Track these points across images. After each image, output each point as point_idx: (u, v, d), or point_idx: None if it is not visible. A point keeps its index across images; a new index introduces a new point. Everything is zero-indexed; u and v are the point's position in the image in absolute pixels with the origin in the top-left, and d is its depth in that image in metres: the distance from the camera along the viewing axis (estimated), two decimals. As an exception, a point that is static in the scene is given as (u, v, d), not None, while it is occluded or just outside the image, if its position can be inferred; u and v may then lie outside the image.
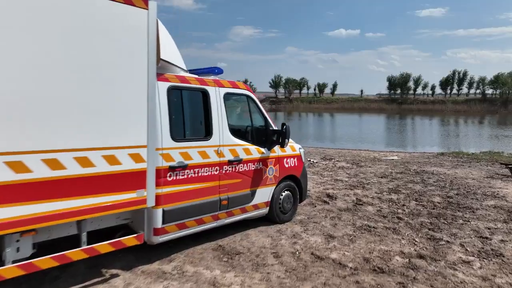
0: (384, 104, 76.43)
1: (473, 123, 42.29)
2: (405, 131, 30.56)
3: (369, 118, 50.91)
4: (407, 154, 15.68)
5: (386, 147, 20.28)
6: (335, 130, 30.03)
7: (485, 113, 63.17)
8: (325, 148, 18.51)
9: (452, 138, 25.10)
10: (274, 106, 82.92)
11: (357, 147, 19.38)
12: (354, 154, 14.60)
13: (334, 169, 9.94)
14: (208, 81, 4.09)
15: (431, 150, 18.84)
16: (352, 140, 23.07)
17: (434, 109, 69.76)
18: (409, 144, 21.89)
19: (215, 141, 3.98)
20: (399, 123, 40.82)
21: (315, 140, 23.38)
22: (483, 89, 73.57)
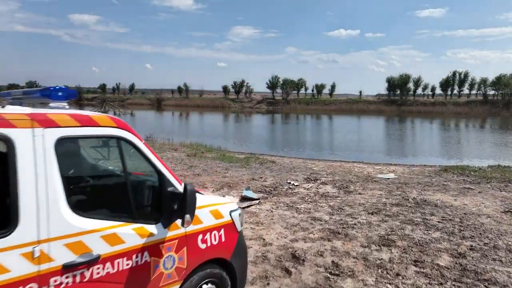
0: (383, 106, 74.62)
1: (475, 127, 40.49)
2: (405, 137, 28.75)
3: (368, 122, 49.12)
4: (406, 169, 13.87)
5: (384, 158, 18.47)
6: (331, 136, 28.21)
7: (486, 115, 61.42)
8: (315, 160, 16.69)
9: (454, 145, 23.29)
10: (271, 108, 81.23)
11: (351, 158, 17.58)
12: (346, 170, 12.77)
13: (315, 197, 8.10)
14: (13, 119, 2.09)
15: (433, 162, 17.02)
16: (347, 148, 21.26)
17: (434, 111, 67.97)
18: (408, 153, 20.06)
19: (27, 234, 2.04)
20: (398, 128, 39.02)
21: (307, 148, 21.54)
22: (485, 90, 71.76)
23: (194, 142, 21.00)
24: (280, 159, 15.52)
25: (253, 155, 15.54)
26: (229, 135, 27.69)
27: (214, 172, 10.53)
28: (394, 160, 17.78)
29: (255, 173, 10.86)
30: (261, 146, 21.79)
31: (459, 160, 18.25)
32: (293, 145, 22.48)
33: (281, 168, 12.46)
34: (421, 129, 39.39)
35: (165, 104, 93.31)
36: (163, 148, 17.32)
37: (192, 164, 12.20)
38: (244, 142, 23.87)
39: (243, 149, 20.64)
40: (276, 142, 23.81)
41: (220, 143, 22.05)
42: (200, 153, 16.01)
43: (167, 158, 13.35)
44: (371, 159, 17.78)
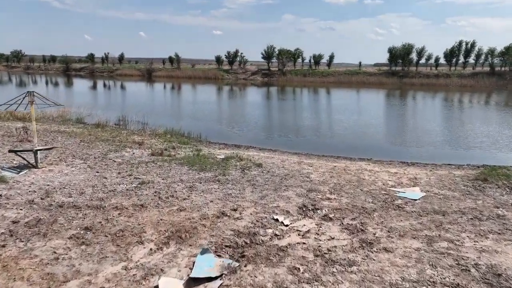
0: (384, 78, 70.74)
1: (488, 104, 37.19)
2: (413, 118, 25.50)
3: (369, 97, 45.72)
4: (428, 173, 10.83)
5: (394, 150, 15.35)
6: (331, 119, 24.92)
7: (493, 88, 58.07)
8: (313, 156, 13.59)
9: (471, 129, 20.15)
10: (267, 79, 77.18)
11: (357, 152, 14.47)
12: (354, 180, 9.71)
13: (316, 266, 5.03)
14: None
15: (456, 156, 13.97)
16: (351, 137, 18.09)
17: (438, 84, 64.40)
18: (421, 142, 16.93)
19: None
20: (403, 105, 35.71)
21: (305, 136, 18.33)
22: (492, 61, 67.81)
23: (171, 129, 17.80)
24: (270, 158, 12.38)
25: (236, 154, 12.37)
26: (215, 117, 24.34)
27: (170, 198, 7.38)
28: (407, 154, 14.71)
29: (230, 195, 7.75)
30: (251, 134, 18.57)
31: (482, 152, 15.24)
32: (288, 132, 19.27)
33: (268, 179, 9.35)
34: (427, 106, 36.14)
35: (156, 75, 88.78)
36: (127, 140, 14.11)
37: (146, 175, 9.04)
38: (232, 127, 20.61)
39: (229, 137, 17.45)
40: (269, 127, 20.55)
41: (203, 129, 18.85)
42: (170, 149, 12.85)
43: (118, 163, 10.15)
44: (380, 153, 14.70)
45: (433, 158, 13.92)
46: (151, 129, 18.18)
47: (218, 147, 14.55)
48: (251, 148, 14.72)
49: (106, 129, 17.60)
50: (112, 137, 14.73)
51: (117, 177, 8.74)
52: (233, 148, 14.62)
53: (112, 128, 18.24)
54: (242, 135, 18.18)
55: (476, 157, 14.43)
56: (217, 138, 16.95)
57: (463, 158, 14.06)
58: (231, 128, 20.20)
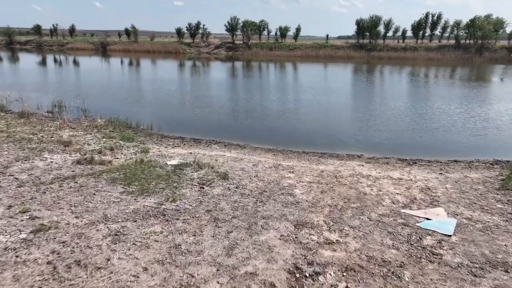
0: (352, 52, 68.79)
1: (461, 80, 36.02)
2: (389, 100, 23.33)
3: (339, 73, 43.50)
4: (442, 180, 8.53)
5: (387, 140, 13.02)
6: (307, 100, 22.26)
7: (459, 62, 57.80)
8: (293, 154, 10.94)
9: (454, 114, 18.23)
10: (231, 53, 73.12)
11: (345, 145, 11.99)
12: (354, 196, 7.17)
13: None
14: None
15: (454, 148, 11.81)
16: (333, 123, 15.57)
17: (406, 57, 63.38)
18: (412, 126, 14.69)
19: None
20: (373, 81, 33.70)
21: (278, 126, 15.60)
22: (457, 34, 67.45)
23: (117, 117, 14.52)
24: (239, 161, 9.58)
25: (194, 156, 9.47)
26: (173, 101, 20.99)
27: (74, 269, 4.36)
28: (398, 144, 12.40)
29: (179, 250, 4.91)
30: (215, 122, 15.58)
31: (473, 137, 13.24)
32: (257, 119, 16.46)
33: (237, 204, 6.59)
34: (397, 83, 34.38)
35: (111, 49, 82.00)
36: (51, 139, 10.78)
37: (52, 210, 5.96)
38: (193, 113, 17.48)
39: (188, 128, 14.42)
40: (236, 113, 17.57)
41: (157, 116, 15.70)
42: (107, 151, 9.73)
43: (19, 184, 6.94)
44: (366, 144, 12.32)
45: (429, 150, 11.72)
46: (90, 119, 14.76)
47: (172, 144, 11.53)
48: (215, 144, 11.82)
49: (32, 120, 14.00)
50: (32, 134, 11.32)
51: (1, 216, 5.62)
52: (191, 144, 11.65)
53: (40, 118, 14.62)
54: (204, 124, 15.18)
55: (473, 145, 12.40)
56: (173, 129, 13.88)
57: (460, 148, 11.96)
58: (192, 114, 17.08)
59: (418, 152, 11.57)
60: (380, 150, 11.71)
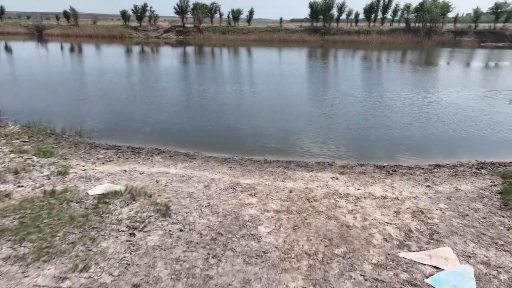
0: (306, 35, 67.76)
1: (414, 64, 35.89)
2: (361, 92, 22.10)
3: (293, 59, 42.09)
4: (431, 195, 7.20)
5: (352, 140, 11.57)
6: (259, 93, 20.39)
7: (410, 45, 58.77)
8: (250, 163, 9.16)
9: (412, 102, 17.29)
10: (182, 37, 69.37)
11: (309, 151, 10.39)
12: (334, 234, 5.56)
13: None
14: None
15: (440, 152, 10.61)
16: (299, 120, 13.90)
17: (359, 41, 63.51)
18: (391, 132, 13.40)
19: None
20: (338, 68, 32.61)
21: (229, 128, 13.66)
22: (407, 17, 68.58)
23: (39, 119, 11.95)
24: (186, 181, 7.60)
25: (127, 182, 7.35)
26: (114, 95, 18.26)
27: None
28: (377, 147, 11.01)
29: None
30: (159, 124, 13.32)
31: (445, 131, 12.21)
32: (210, 117, 14.41)
33: (181, 264, 4.69)
34: (352, 68, 33.58)
35: (48, 33, 74.79)
36: None
37: None
38: (134, 111, 15.04)
39: (126, 132, 12.10)
40: (185, 110, 15.34)
41: (90, 117, 13.20)
42: (10, 174, 7.36)
43: None
44: (341, 146, 10.80)
45: (406, 151, 10.43)
46: (2, 123, 11.98)
47: (103, 158, 9.24)
48: (158, 155, 9.68)
49: None
50: None
51: None
52: (127, 157, 9.43)
53: None
54: (147, 126, 12.90)
55: (450, 142, 11.31)
56: (109, 135, 11.53)
57: (437, 146, 10.81)
58: (133, 114, 14.66)
59: (394, 153, 10.22)
60: (352, 153, 10.23)
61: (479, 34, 63.64)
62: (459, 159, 9.70)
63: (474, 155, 10.00)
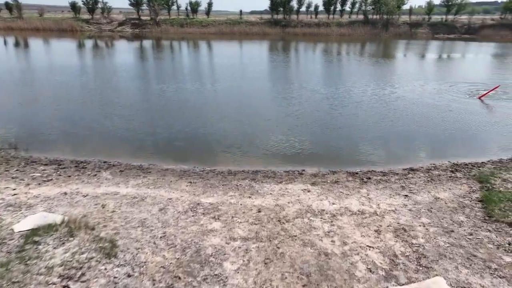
0: (267, 28, 66.92)
1: (375, 57, 36.16)
2: (326, 88, 21.56)
3: (258, 53, 41.25)
4: (411, 207, 6.68)
5: (334, 151, 10.93)
6: (223, 94, 19.32)
7: (368, 37, 59.68)
8: (212, 175, 8.27)
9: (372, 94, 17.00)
10: (138, 31, 66.31)
11: (275, 158, 9.62)
12: (313, 267, 4.80)
13: None
14: None
15: (412, 154, 10.19)
16: (256, 131, 13.05)
17: (319, 33, 63.65)
18: (359, 132, 12.85)
19: None
20: (300, 61, 32.08)
21: (188, 134, 12.58)
22: (365, 10, 69.62)
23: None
24: (138, 203, 6.56)
25: (67, 207, 6.20)
26: (60, 97, 16.49)
27: None
28: (347, 149, 10.42)
29: None
30: (112, 130, 11.99)
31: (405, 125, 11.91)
32: (167, 121, 13.26)
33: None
34: (312, 61, 33.28)
35: (-12, 27, 68.75)
36: None
37: None
38: (82, 117, 13.55)
39: (72, 140, 10.72)
40: (140, 114, 14.01)
41: (30, 126, 11.69)
42: None
43: None
44: (310, 150, 10.11)
45: (376, 154, 9.93)
46: None
47: (40, 177, 7.93)
48: (106, 170, 8.48)
49: None
50: None
51: None
52: (70, 174, 8.17)
53: None
54: (96, 134, 11.55)
55: (418, 141, 10.97)
56: (49, 145, 10.14)
57: (407, 146, 10.41)
58: (81, 119, 13.17)
59: (366, 156, 9.67)
60: (323, 158, 9.56)
61: (432, 26, 65.77)
62: (432, 161, 9.30)
63: (446, 156, 9.66)
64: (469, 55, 38.07)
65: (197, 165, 8.89)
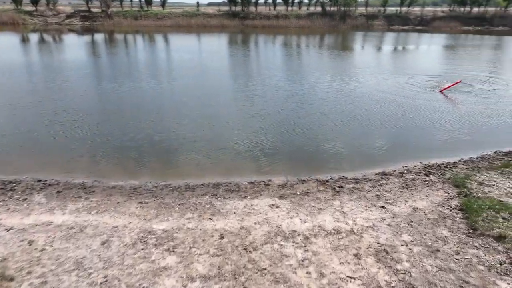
0: (225, 20, 65.39)
1: (337, 50, 36.08)
2: (290, 84, 20.81)
3: (217, 46, 39.97)
4: (389, 221, 6.07)
5: (299, 154, 10.20)
6: (181, 93, 18.06)
7: (326, 29, 60.00)
8: (167, 192, 7.23)
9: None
10: (89, 24, 62.50)
11: (245, 170, 8.77)
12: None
13: None
14: None
15: (382, 154, 9.68)
16: (215, 134, 12.07)
17: (278, 25, 63.15)
18: (325, 133, 12.20)
19: None
20: (261, 55, 31.24)
21: (141, 141, 11.37)
22: (323, 1, 69.90)
23: None
24: (73, 241, 5.47)
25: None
26: None
27: None
28: (314, 152, 9.73)
29: None
30: (50, 143, 10.54)
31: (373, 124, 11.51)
32: (120, 129, 11.95)
33: None
34: (273, 55, 32.67)
35: None
36: None
37: None
38: (18, 126, 11.92)
39: (2, 159, 9.23)
40: (88, 122, 12.47)
41: None
42: None
43: None
44: (273, 153, 9.32)
45: (345, 155, 9.33)
46: None
47: (-46, 206, 6.54)
48: (40, 192, 7.20)
49: None
50: None
51: None
52: (-6, 199, 6.83)
53: None
54: (32, 145, 10.09)
55: (384, 138, 10.52)
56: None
57: (375, 145, 9.91)
58: (15, 127, 11.55)
59: (336, 160, 9.03)
60: (291, 165, 8.81)
61: (388, 18, 67.25)
62: (404, 163, 8.83)
63: (417, 156, 9.24)
64: (422, 46, 39.01)
65: (150, 179, 7.83)
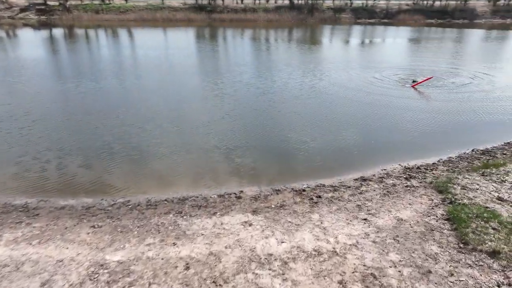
0: (192, 14, 63.64)
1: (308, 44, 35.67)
2: (262, 81, 20.02)
3: (184, 42, 38.63)
4: (373, 236, 5.51)
5: (271, 158, 9.54)
6: (146, 93, 16.92)
7: (295, 22, 59.73)
8: (127, 212, 6.34)
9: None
10: (45, 18, 59.00)
11: (214, 180, 7.99)
12: None
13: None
14: None
15: (357, 153, 9.20)
16: (182, 138, 11.19)
17: (247, 19, 62.24)
18: (297, 133, 11.56)
19: None
20: (229, 51, 30.31)
21: (98, 158, 10.33)
22: (290, -5, 69.54)
23: None
24: (6, 275, 4.50)
25: None
26: None
27: None
28: (286, 155, 9.12)
29: None
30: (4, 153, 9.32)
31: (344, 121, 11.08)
32: (73, 137, 10.83)
33: None
34: (242, 51, 31.86)
35: None
36: None
37: None
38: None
39: None
40: (37, 129, 11.19)
41: None
42: None
43: None
44: (244, 158, 8.66)
45: (319, 156, 8.77)
46: None
47: None
48: (-27, 217, 6.14)
49: None
50: None
51: None
52: None
53: None
54: None
55: (360, 138, 10.07)
56: None
57: (347, 144, 9.41)
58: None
59: (311, 164, 8.44)
60: (264, 172, 8.13)
61: (354, 11, 67.83)
62: (382, 166, 8.37)
63: (395, 158, 8.82)
64: (389, 39, 39.36)
65: (106, 196, 6.92)
